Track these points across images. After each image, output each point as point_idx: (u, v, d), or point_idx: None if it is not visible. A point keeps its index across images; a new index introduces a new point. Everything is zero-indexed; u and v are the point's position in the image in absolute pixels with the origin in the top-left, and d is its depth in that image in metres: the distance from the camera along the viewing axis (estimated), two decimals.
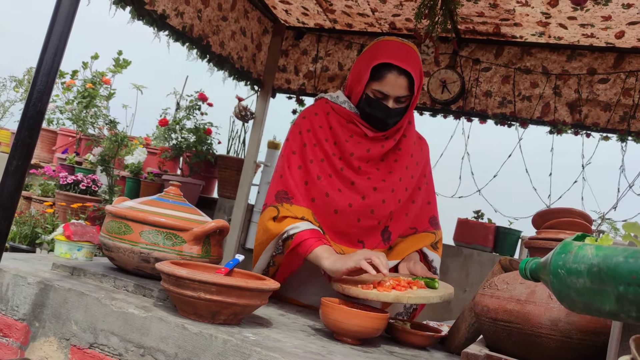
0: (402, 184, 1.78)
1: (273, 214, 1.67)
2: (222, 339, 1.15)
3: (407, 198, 1.81)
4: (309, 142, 1.75)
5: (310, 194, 1.71)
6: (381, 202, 1.73)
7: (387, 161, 1.76)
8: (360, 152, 1.73)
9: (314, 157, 1.73)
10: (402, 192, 1.78)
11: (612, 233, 3.31)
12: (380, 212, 1.73)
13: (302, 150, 1.75)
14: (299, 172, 1.73)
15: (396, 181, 1.76)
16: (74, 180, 4.04)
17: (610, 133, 3.23)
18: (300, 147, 1.76)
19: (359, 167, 1.73)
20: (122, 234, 1.47)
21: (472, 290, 3.49)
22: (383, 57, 1.64)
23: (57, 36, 1.35)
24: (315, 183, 1.71)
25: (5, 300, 1.44)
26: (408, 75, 1.64)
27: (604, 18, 2.85)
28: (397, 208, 1.76)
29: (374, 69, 1.65)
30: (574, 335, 1.07)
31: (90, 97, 4.22)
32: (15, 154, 1.34)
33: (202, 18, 3.16)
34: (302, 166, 1.74)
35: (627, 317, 0.76)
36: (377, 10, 3.31)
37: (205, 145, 4.24)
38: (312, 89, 3.86)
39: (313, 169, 1.72)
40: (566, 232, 1.23)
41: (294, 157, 1.75)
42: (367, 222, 1.72)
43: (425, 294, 1.48)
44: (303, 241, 1.59)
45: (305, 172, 1.73)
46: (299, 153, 1.75)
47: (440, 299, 1.49)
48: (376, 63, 1.64)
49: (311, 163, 1.73)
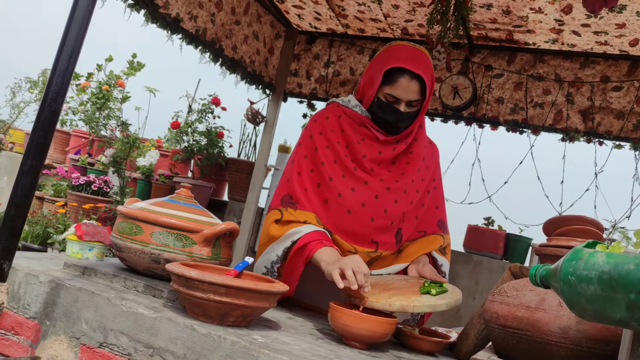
0: (414, 186, 1.78)
1: (276, 217, 1.69)
2: (230, 340, 1.16)
3: (418, 200, 1.81)
4: (320, 144, 1.76)
5: (323, 196, 1.72)
6: (394, 202, 1.73)
7: (399, 164, 1.77)
8: (372, 154, 1.74)
9: (325, 160, 1.74)
10: (413, 193, 1.79)
11: (624, 242, 3.27)
12: (393, 212, 1.73)
13: (314, 153, 1.76)
14: (311, 175, 1.74)
15: (408, 182, 1.76)
16: (86, 181, 4.08)
17: (623, 141, 3.20)
18: (312, 150, 1.77)
19: (371, 168, 1.74)
20: (133, 234, 1.48)
21: (482, 298, 3.46)
22: (395, 62, 1.66)
23: (73, 38, 1.37)
24: (328, 185, 1.72)
25: (17, 299, 1.45)
26: (420, 80, 1.66)
27: (618, 25, 2.83)
28: (408, 209, 1.77)
29: (386, 73, 1.67)
30: (584, 343, 1.06)
31: (105, 99, 4.26)
32: (29, 154, 1.36)
33: (215, 22, 3.18)
34: (315, 169, 1.75)
35: (638, 325, 0.75)
36: (389, 15, 3.32)
37: (216, 148, 4.27)
38: (324, 93, 3.87)
39: (325, 171, 1.73)
40: (577, 240, 1.22)
41: (306, 161, 1.76)
42: (380, 221, 1.72)
43: (432, 301, 1.46)
44: (306, 245, 1.60)
45: (317, 174, 1.74)
46: (310, 157, 1.76)
47: (447, 307, 1.46)
48: (389, 67, 1.66)
49: (323, 165, 1.74)
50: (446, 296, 1.50)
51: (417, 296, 1.48)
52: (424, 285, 1.55)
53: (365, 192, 1.71)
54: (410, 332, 1.48)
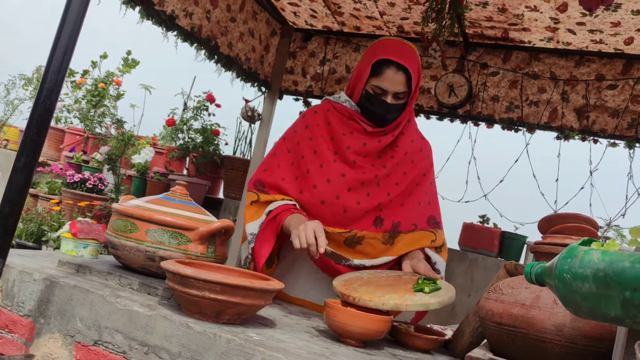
0: (392, 179, 1.81)
1: (253, 198, 1.78)
2: (225, 338, 1.15)
3: (401, 192, 1.82)
4: (304, 138, 1.81)
5: (299, 187, 1.77)
6: (366, 195, 1.77)
7: (384, 157, 1.80)
8: (356, 145, 1.77)
9: (306, 152, 1.80)
10: (391, 186, 1.81)
11: (618, 240, 3.29)
12: (365, 205, 1.76)
13: (296, 147, 1.82)
14: (291, 168, 1.80)
15: (384, 176, 1.79)
16: (81, 179, 4.07)
17: (618, 139, 3.21)
18: (294, 144, 1.83)
19: (354, 161, 1.77)
20: (128, 232, 1.47)
21: (477, 295, 3.47)
22: (382, 54, 1.71)
23: (67, 34, 1.36)
24: (305, 177, 1.77)
25: (10, 297, 1.45)
26: (406, 71, 1.70)
27: (613, 24, 2.84)
28: (386, 200, 1.78)
29: (373, 65, 1.71)
30: (579, 341, 1.06)
31: (100, 96, 4.24)
32: (23, 151, 1.35)
33: (210, 19, 3.17)
34: (295, 162, 1.80)
35: (632, 323, 0.76)
36: (385, 13, 3.31)
37: (212, 145, 4.26)
38: (319, 91, 3.86)
39: (304, 163, 1.78)
40: (572, 238, 1.22)
41: (288, 155, 1.82)
42: (352, 213, 1.75)
43: (424, 300, 1.45)
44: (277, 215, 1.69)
45: (296, 167, 1.80)
46: (293, 151, 1.82)
47: (439, 305, 1.45)
48: (376, 59, 1.71)
49: (302, 159, 1.79)
50: (439, 294, 1.50)
51: (410, 294, 1.47)
52: (418, 283, 1.54)
53: (339, 184, 1.76)
54: (405, 330, 1.48)
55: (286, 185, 1.77)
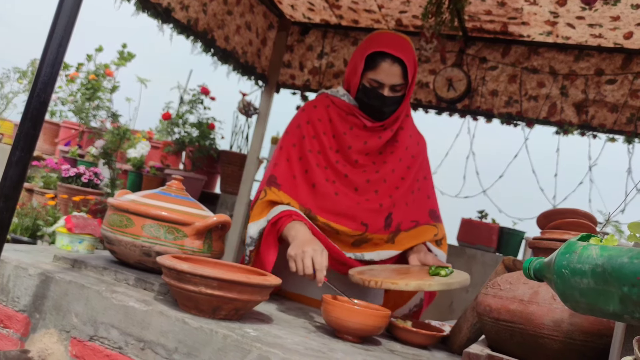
0: (397, 174, 1.81)
1: (261, 195, 1.74)
2: (222, 334, 1.15)
3: (406, 188, 1.82)
4: (307, 134, 1.80)
5: (311, 180, 1.76)
6: (374, 192, 1.76)
7: (385, 153, 1.81)
8: (358, 145, 1.77)
9: (312, 149, 1.78)
10: (397, 181, 1.81)
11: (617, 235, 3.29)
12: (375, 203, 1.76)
13: (301, 142, 1.80)
14: (300, 162, 1.78)
15: (389, 172, 1.79)
16: (76, 173, 4.05)
17: (617, 134, 3.21)
18: (299, 139, 1.80)
19: (356, 160, 1.77)
20: (123, 227, 1.46)
21: (475, 291, 3.47)
22: (376, 46, 1.70)
23: (62, 27, 1.34)
24: (315, 170, 1.76)
25: (6, 292, 1.44)
26: (401, 63, 1.69)
27: (612, 18, 2.83)
28: (396, 195, 1.79)
29: (368, 58, 1.70)
30: (577, 336, 1.05)
31: (94, 89, 4.22)
32: (18, 145, 1.34)
33: (207, 12, 3.15)
34: (303, 157, 1.78)
35: (630, 318, 0.75)
36: (383, 6, 3.30)
37: (208, 140, 4.24)
38: (317, 85, 3.85)
39: (312, 158, 1.77)
40: (571, 233, 1.22)
41: (294, 149, 1.79)
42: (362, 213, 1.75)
43: (445, 280, 1.52)
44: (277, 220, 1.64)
45: (305, 162, 1.78)
46: (298, 145, 1.80)
47: (459, 285, 1.53)
48: (370, 52, 1.70)
49: (310, 153, 1.78)
50: (456, 276, 1.57)
51: (428, 277, 1.54)
52: (432, 269, 1.60)
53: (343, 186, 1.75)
54: (403, 326, 1.48)
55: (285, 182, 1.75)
